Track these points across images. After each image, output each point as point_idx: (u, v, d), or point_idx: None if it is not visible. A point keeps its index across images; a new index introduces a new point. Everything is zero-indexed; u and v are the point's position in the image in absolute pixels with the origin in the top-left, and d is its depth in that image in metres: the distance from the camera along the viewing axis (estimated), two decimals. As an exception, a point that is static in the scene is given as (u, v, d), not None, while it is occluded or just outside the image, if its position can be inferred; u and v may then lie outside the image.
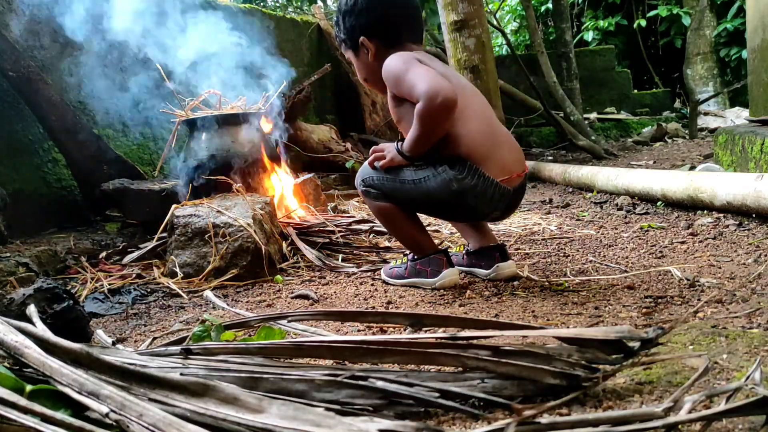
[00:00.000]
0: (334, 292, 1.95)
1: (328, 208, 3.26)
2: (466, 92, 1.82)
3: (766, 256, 1.88)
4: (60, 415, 0.75)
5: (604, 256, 2.14)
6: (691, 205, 2.70)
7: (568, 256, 2.19)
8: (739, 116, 7.83)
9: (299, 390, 0.88)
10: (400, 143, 1.82)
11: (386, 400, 0.88)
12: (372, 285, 2.01)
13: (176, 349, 1.02)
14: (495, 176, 1.75)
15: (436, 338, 0.98)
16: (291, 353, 1.03)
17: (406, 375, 0.93)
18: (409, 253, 1.96)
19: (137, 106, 3.26)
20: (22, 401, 0.77)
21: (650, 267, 1.90)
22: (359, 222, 2.77)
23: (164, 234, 2.30)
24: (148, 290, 2.08)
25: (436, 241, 2.57)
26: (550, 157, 6.43)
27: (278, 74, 3.02)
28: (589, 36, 9.96)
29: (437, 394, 0.87)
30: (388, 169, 1.84)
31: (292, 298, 1.91)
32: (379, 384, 0.88)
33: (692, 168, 3.69)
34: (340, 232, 2.56)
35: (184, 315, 1.81)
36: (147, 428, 0.72)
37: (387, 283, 1.99)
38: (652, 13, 9.74)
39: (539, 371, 0.91)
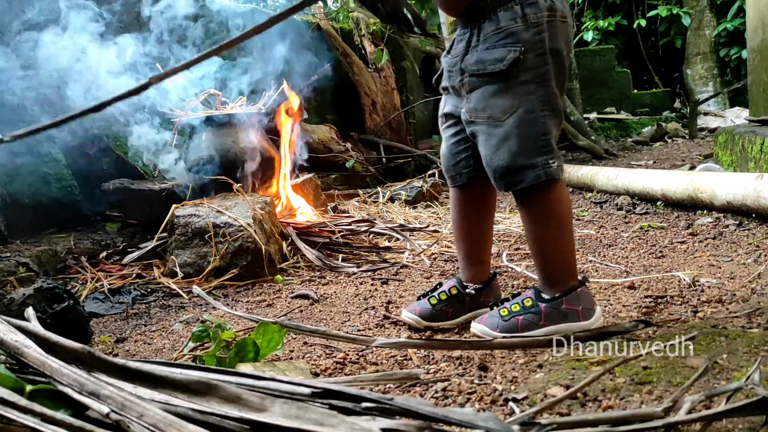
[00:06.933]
0: (334, 292, 1.95)
1: (328, 208, 3.26)
2: None
3: (766, 256, 1.88)
4: (60, 415, 0.75)
5: (604, 256, 2.14)
6: (691, 205, 2.70)
7: (568, 256, 2.19)
8: (739, 116, 7.81)
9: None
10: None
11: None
12: (372, 285, 2.01)
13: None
14: None
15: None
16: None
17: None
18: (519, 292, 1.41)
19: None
20: (22, 401, 0.76)
21: (650, 267, 1.90)
22: (359, 222, 2.77)
23: (164, 234, 2.30)
24: (148, 290, 2.08)
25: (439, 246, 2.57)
26: (550, 157, 6.42)
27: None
28: (589, 36, 9.94)
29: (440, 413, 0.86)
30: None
31: (292, 297, 1.91)
32: (369, 404, 0.84)
33: (692, 168, 3.69)
34: (340, 232, 2.56)
35: (184, 315, 1.81)
36: (147, 428, 0.72)
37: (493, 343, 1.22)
38: (652, 13, 9.72)
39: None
